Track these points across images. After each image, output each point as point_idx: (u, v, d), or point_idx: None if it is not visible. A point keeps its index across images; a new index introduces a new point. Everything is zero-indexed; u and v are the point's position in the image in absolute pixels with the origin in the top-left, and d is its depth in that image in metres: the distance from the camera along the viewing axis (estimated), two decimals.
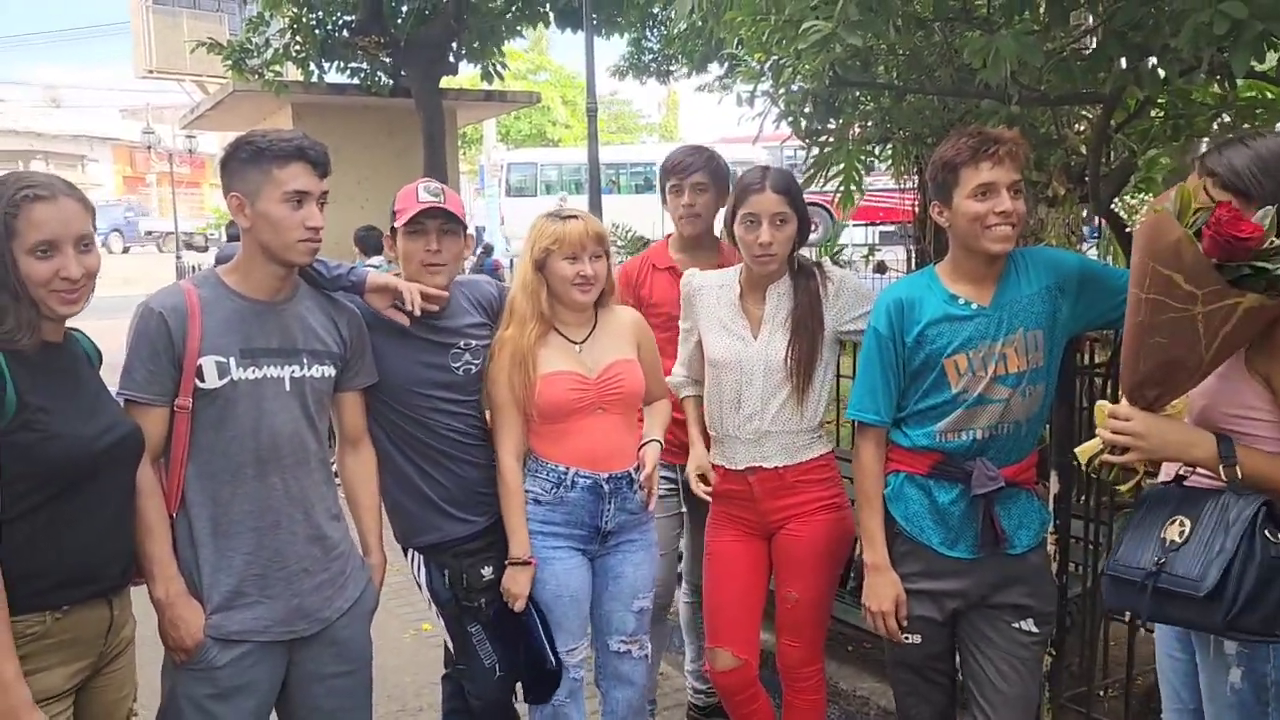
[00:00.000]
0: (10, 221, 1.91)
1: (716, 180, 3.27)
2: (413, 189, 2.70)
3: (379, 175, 11.82)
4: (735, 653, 2.82)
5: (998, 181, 2.25)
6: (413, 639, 4.46)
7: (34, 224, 1.93)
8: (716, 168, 3.27)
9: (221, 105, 13.22)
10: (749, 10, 3.12)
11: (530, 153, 32.19)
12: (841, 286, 2.77)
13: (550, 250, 2.67)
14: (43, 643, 1.93)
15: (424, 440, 2.71)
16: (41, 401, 1.94)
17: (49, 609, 1.94)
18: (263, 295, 2.35)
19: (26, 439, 1.89)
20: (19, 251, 1.93)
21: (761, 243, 2.66)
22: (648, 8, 11.24)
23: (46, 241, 1.94)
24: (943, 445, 2.40)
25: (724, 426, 2.79)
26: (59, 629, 1.95)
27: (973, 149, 2.27)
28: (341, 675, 2.46)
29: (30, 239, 1.93)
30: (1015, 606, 2.41)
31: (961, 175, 2.29)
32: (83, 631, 2.01)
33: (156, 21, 21.47)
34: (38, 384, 1.95)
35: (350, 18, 11.00)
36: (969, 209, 2.28)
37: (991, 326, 2.33)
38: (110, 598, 2.08)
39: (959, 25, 3.10)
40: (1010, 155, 2.27)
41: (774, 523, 2.79)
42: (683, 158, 3.26)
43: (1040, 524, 2.47)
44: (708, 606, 2.92)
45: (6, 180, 1.96)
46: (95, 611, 2.04)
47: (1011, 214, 2.26)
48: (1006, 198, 2.26)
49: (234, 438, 2.28)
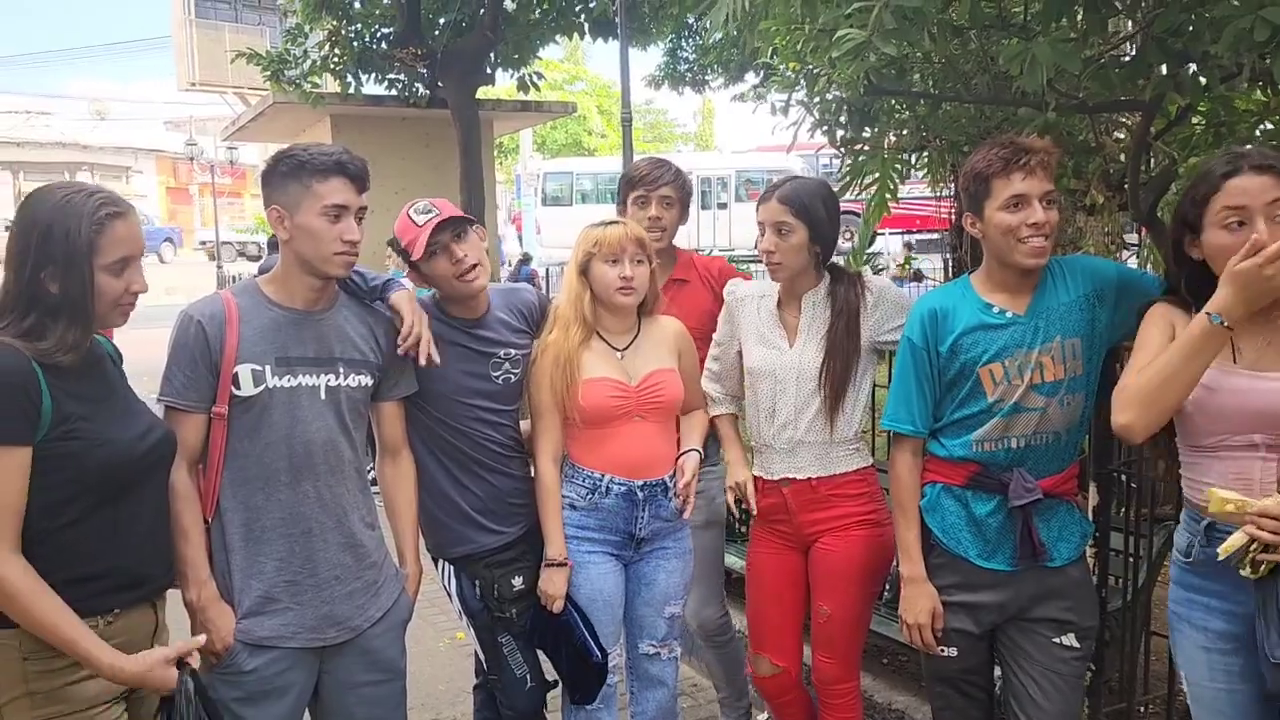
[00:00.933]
0: (95, 239, 1.92)
1: (682, 195, 3.24)
2: (405, 220, 2.68)
3: (416, 186, 11.89)
4: (774, 660, 2.84)
5: (1029, 193, 2.22)
6: (448, 648, 4.47)
7: (116, 240, 1.95)
8: (683, 183, 3.24)
9: (262, 117, 13.40)
10: (783, 19, 3.11)
11: (566, 162, 32.31)
12: (881, 296, 2.76)
13: (592, 254, 2.71)
14: None
15: (462, 449, 2.72)
16: (81, 410, 1.94)
17: (101, 613, 1.96)
18: (300, 305, 2.38)
19: (70, 448, 1.90)
20: (97, 268, 1.93)
21: (764, 250, 2.71)
22: (682, 18, 11.26)
23: (125, 258, 1.97)
24: (980, 455, 2.37)
25: (761, 436, 2.79)
26: (111, 633, 1.96)
27: (1004, 160, 2.24)
28: (373, 684, 2.47)
29: (112, 255, 1.95)
30: (1055, 621, 2.38)
31: (993, 186, 2.26)
32: (133, 635, 2.02)
33: (199, 35, 21.79)
34: (75, 392, 1.95)
35: (388, 30, 11.12)
36: (1001, 221, 2.26)
37: (1027, 334, 2.30)
38: (154, 601, 2.11)
39: (995, 32, 3.08)
40: (1042, 165, 2.23)
41: (809, 536, 2.77)
42: (650, 170, 3.22)
43: (1081, 537, 2.43)
44: (750, 614, 2.93)
45: (81, 193, 1.96)
46: (143, 615, 2.07)
47: (1044, 225, 2.23)
48: (1039, 209, 2.22)
49: (268, 445, 2.31)
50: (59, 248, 1.89)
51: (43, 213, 1.91)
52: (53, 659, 1.88)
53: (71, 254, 1.90)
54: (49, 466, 1.88)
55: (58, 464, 1.89)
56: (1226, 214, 1.97)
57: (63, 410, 1.90)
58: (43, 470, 1.88)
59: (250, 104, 16.69)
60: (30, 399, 1.85)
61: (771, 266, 2.73)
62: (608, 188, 27.71)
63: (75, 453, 1.91)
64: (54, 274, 1.90)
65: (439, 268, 2.66)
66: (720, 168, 27.59)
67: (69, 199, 1.93)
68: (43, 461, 1.88)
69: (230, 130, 16.18)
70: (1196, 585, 2.11)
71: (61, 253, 1.89)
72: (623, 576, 2.82)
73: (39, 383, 1.87)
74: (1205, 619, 2.09)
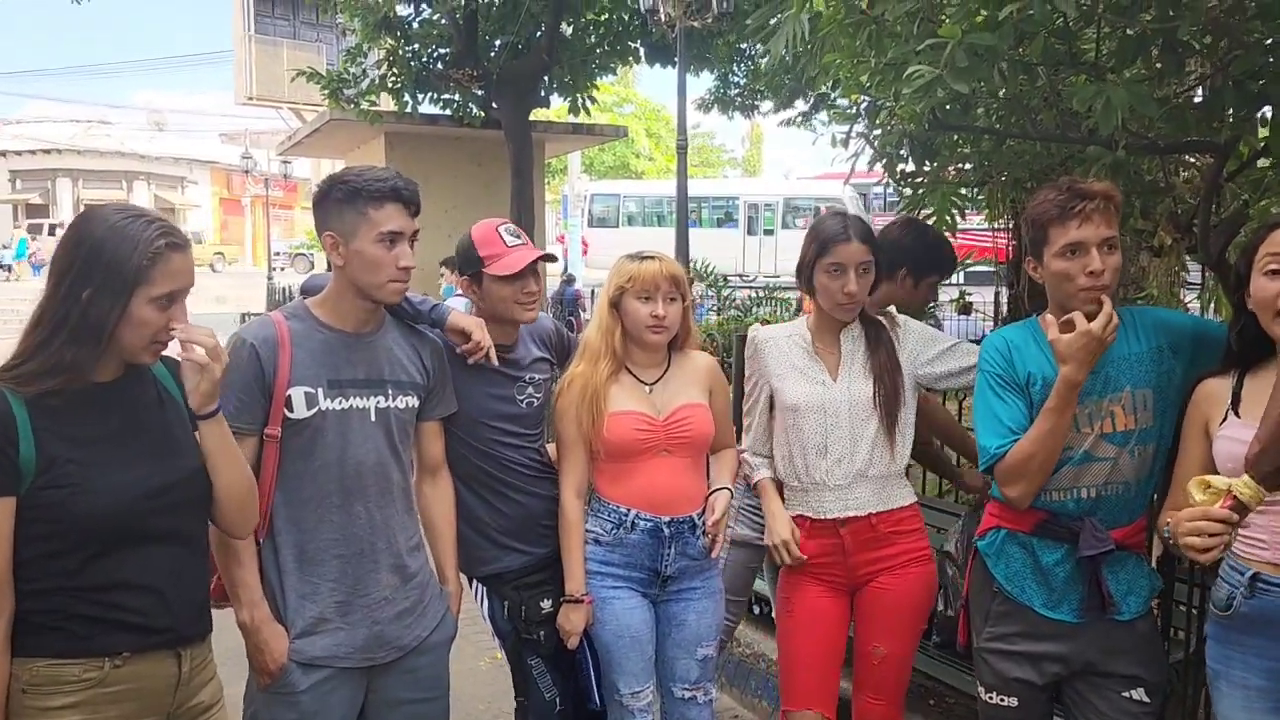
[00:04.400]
0: (149, 269, 1.82)
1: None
2: (493, 233, 2.71)
3: (467, 205, 12.04)
4: (824, 714, 2.74)
5: (1086, 240, 2.18)
6: (488, 666, 4.45)
7: (170, 273, 1.85)
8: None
9: (318, 133, 13.63)
10: (849, 52, 3.09)
11: (613, 184, 32.59)
12: (907, 330, 2.77)
13: (624, 289, 2.68)
14: (101, 690, 1.84)
15: (489, 471, 2.73)
16: (73, 453, 1.81)
17: (107, 655, 1.85)
18: (350, 327, 2.39)
19: (56, 496, 1.78)
20: (140, 302, 1.83)
21: (849, 291, 2.64)
22: (737, 44, 11.30)
23: (174, 292, 1.87)
24: (1050, 504, 2.31)
25: (810, 474, 2.72)
26: (117, 677, 1.85)
27: (1060, 206, 2.20)
28: (418, 702, 2.47)
29: (162, 288, 1.84)
30: (1125, 676, 2.31)
31: (1050, 233, 2.22)
32: (147, 683, 1.90)
33: (258, 51, 22.21)
34: (68, 433, 1.82)
35: (445, 50, 11.29)
36: (1058, 267, 2.22)
37: (1098, 383, 2.25)
38: (180, 650, 1.96)
39: (1065, 70, 3.04)
40: (1100, 211, 2.18)
41: (862, 576, 2.72)
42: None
43: (1150, 590, 2.36)
44: (792, 667, 2.81)
45: (141, 219, 1.85)
46: (160, 664, 1.92)
47: (1102, 273, 2.18)
48: (1096, 257, 2.17)
49: (321, 467, 2.32)
50: (102, 269, 1.79)
51: (96, 231, 1.81)
52: (50, 696, 1.80)
53: (114, 277, 1.79)
54: (36, 516, 1.78)
55: (44, 513, 1.78)
56: (1270, 260, 1.96)
57: (48, 454, 1.78)
58: (31, 520, 1.78)
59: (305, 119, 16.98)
60: (1, 448, 1.75)
61: (850, 307, 2.68)
62: (654, 210, 27.88)
63: (60, 501, 1.78)
64: (91, 295, 1.79)
65: (507, 289, 2.67)
66: (768, 194, 27.62)
67: (128, 222, 1.83)
68: (30, 510, 1.78)
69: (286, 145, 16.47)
70: (1235, 640, 2.05)
71: (103, 275, 1.79)
72: (651, 614, 2.76)
73: (15, 428, 1.76)
74: (1244, 676, 2.03)
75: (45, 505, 1.78)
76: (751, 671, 4.06)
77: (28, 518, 1.78)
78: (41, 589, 1.81)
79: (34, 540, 1.79)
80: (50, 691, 1.81)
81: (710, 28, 10.82)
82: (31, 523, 1.79)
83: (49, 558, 1.81)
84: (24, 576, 1.80)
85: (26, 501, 1.78)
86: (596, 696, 2.72)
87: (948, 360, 2.72)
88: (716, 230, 26.21)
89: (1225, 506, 1.83)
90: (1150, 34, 2.55)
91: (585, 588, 2.69)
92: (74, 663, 1.82)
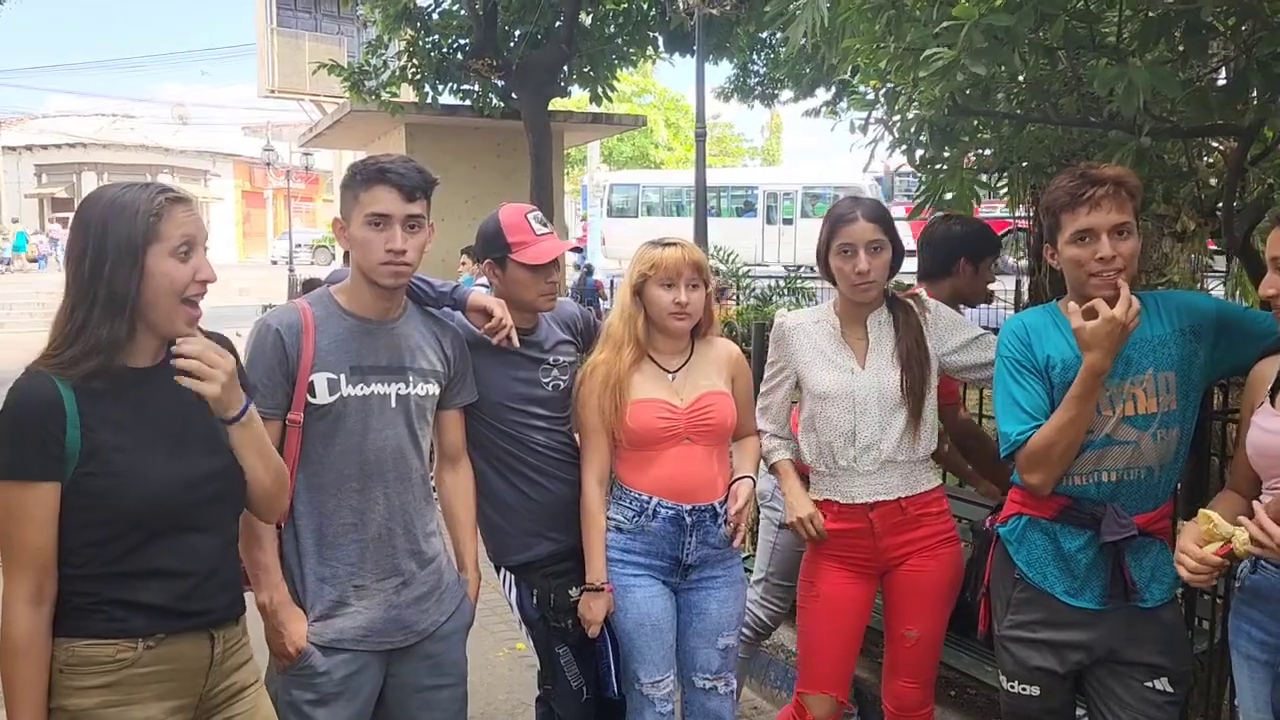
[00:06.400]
0: (154, 225, 1.81)
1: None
2: (521, 219, 2.72)
3: (487, 194, 12.04)
4: (838, 698, 2.77)
5: (1096, 226, 2.17)
6: (506, 657, 4.48)
7: (178, 222, 1.84)
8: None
9: (339, 124, 13.68)
10: (867, 38, 3.06)
11: (633, 174, 32.48)
12: (937, 315, 2.76)
13: (647, 275, 2.68)
14: (133, 671, 1.85)
15: (518, 455, 2.73)
16: (118, 439, 1.82)
17: (142, 636, 1.85)
18: (371, 314, 2.40)
19: (104, 485, 1.79)
20: (161, 255, 1.82)
21: (859, 271, 2.62)
22: (757, 33, 11.25)
23: (190, 239, 1.85)
24: (1071, 489, 2.30)
25: (838, 461, 2.71)
26: (151, 658, 1.86)
27: (1070, 194, 2.19)
28: (437, 688, 2.49)
29: (175, 238, 1.83)
30: (1148, 665, 2.30)
31: (1061, 221, 2.22)
32: (180, 664, 1.90)
33: (280, 44, 22.32)
34: (113, 418, 1.82)
35: (465, 41, 11.31)
36: (1071, 254, 2.22)
37: (1120, 365, 2.23)
38: (213, 631, 1.96)
39: (1085, 53, 3.00)
40: (1110, 197, 2.17)
41: (892, 559, 2.71)
42: None
43: (1174, 578, 2.32)
44: (811, 649, 2.82)
45: (134, 187, 1.86)
46: (194, 645, 1.93)
47: (1113, 259, 2.17)
48: (1106, 243, 2.17)
49: (341, 452, 2.34)
50: (113, 242, 1.79)
51: (98, 210, 1.83)
52: (85, 676, 1.82)
53: (125, 245, 1.80)
54: (84, 503, 1.79)
55: (91, 501, 1.79)
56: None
57: (94, 441, 1.79)
58: (79, 507, 1.79)
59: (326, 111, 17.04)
60: (50, 432, 1.76)
61: (865, 286, 2.66)
62: (673, 200, 27.81)
63: (109, 489, 1.79)
64: (110, 269, 1.80)
65: (530, 277, 2.69)
66: (786, 183, 27.49)
67: (125, 192, 1.84)
68: (77, 498, 1.79)
69: (307, 137, 16.53)
70: (1242, 612, 2.10)
71: (115, 246, 1.79)
72: (672, 602, 2.76)
73: (63, 415, 1.77)
74: (1248, 647, 2.07)
75: (91, 493, 1.79)
76: (771, 662, 4.05)
77: (73, 504, 1.79)
78: (82, 574, 1.82)
79: (79, 527, 1.80)
80: (85, 672, 1.82)
81: (729, 15, 10.78)
82: (77, 510, 1.79)
83: (92, 544, 1.81)
84: (66, 561, 1.81)
85: (71, 488, 1.79)
86: (615, 685, 2.71)
87: (973, 352, 2.70)
88: (736, 219, 26.15)
89: (1220, 554, 1.89)
90: (1173, 15, 2.52)
91: (606, 576, 2.69)
92: (109, 643, 1.82)
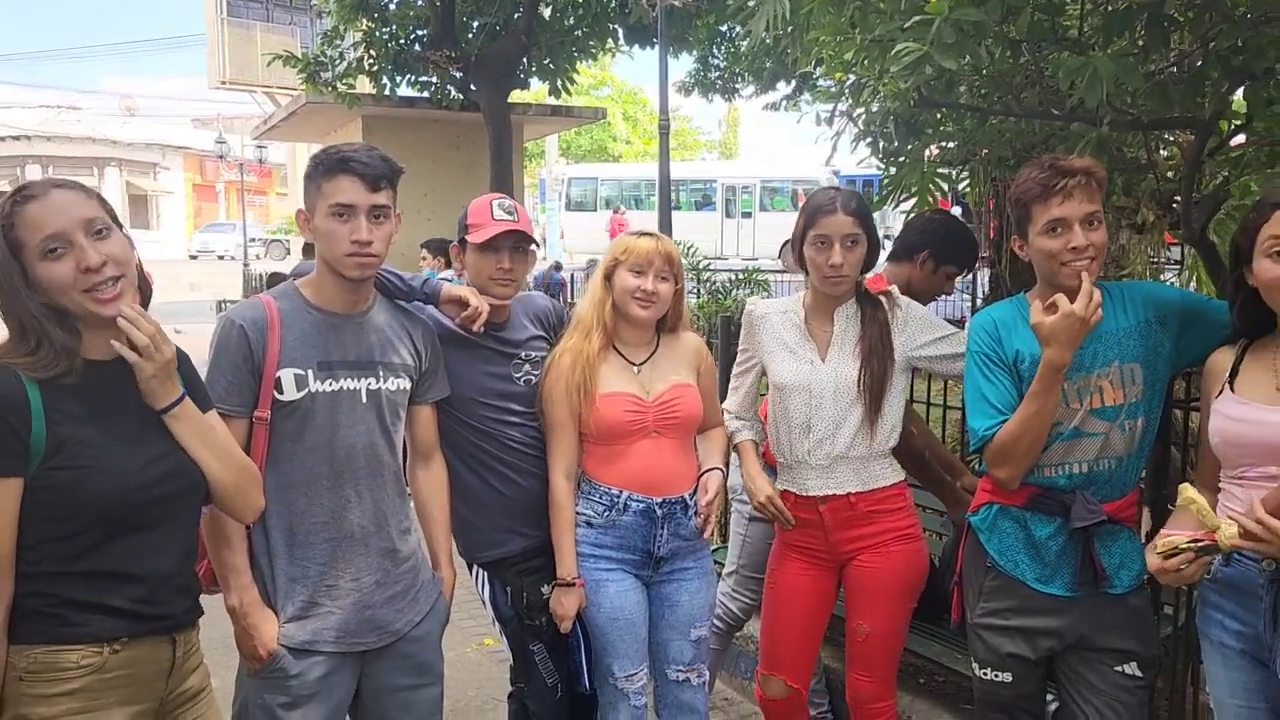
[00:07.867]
0: (10, 234, 1.77)
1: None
2: (486, 204, 2.71)
3: (445, 188, 11.96)
4: (789, 682, 2.81)
5: (1069, 216, 2.19)
6: (476, 652, 4.45)
7: (32, 223, 1.77)
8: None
9: (294, 117, 13.50)
10: (832, 30, 3.08)
11: (591, 168, 32.44)
12: (909, 314, 2.74)
13: (619, 261, 2.68)
14: (100, 676, 1.82)
15: (490, 451, 2.71)
16: (81, 433, 1.80)
17: (105, 641, 1.82)
18: (339, 308, 2.36)
19: (65, 478, 1.77)
20: (33, 261, 1.77)
21: (833, 264, 2.62)
22: (716, 26, 11.26)
23: (53, 235, 1.77)
24: (1040, 480, 2.33)
25: (793, 453, 2.74)
26: (116, 663, 1.83)
27: (1042, 185, 2.21)
28: (414, 688, 2.46)
29: (35, 240, 1.77)
30: (1118, 651, 2.33)
31: (1033, 211, 2.24)
32: (141, 669, 1.88)
33: (230, 34, 21.98)
34: (76, 412, 1.81)
35: (422, 32, 11.20)
36: (1043, 245, 2.23)
37: (1085, 358, 2.26)
38: (174, 635, 1.94)
39: (1048, 46, 3.04)
40: (1081, 187, 2.20)
41: (845, 553, 2.73)
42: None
43: (1142, 565, 2.37)
44: (768, 634, 2.87)
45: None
46: (155, 648, 1.91)
47: (1086, 248, 2.19)
48: (1079, 233, 2.19)
49: (311, 449, 2.29)
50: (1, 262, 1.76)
51: None
52: (50, 683, 1.78)
53: (5, 265, 1.76)
54: (46, 497, 1.77)
55: (54, 495, 1.77)
56: (1273, 242, 1.96)
57: (60, 435, 1.77)
58: (41, 501, 1.76)
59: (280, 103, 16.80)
60: (13, 428, 1.73)
61: (836, 280, 2.66)
62: (631, 193, 27.80)
63: (70, 483, 1.77)
64: (10, 289, 1.77)
65: (485, 262, 2.67)
66: (745, 176, 27.59)
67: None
68: (39, 492, 1.76)
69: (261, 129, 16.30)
70: (1214, 602, 2.13)
71: (2, 267, 1.76)
72: (644, 596, 2.76)
73: (28, 410, 1.75)
74: (1222, 636, 2.11)
75: (56, 486, 1.76)
76: (742, 654, 4.06)
77: (35, 499, 1.76)
78: (37, 573, 1.78)
79: (39, 521, 1.77)
80: (50, 679, 1.78)
81: (690, 7, 10.79)
82: (38, 504, 1.77)
83: (50, 541, 1.78)
84: (22, 559, 1.78)
85: (35, 483, 1.76)
86: (587, 680, 2.71)
87: (942, 346, 2.71)
88: (696, 213, 26.20)
89: (1205, 539, 1.92)
90: (1135, 8, 2.56)
91: (577, 571, 2.68)
92: (73, 649, 1.80)
